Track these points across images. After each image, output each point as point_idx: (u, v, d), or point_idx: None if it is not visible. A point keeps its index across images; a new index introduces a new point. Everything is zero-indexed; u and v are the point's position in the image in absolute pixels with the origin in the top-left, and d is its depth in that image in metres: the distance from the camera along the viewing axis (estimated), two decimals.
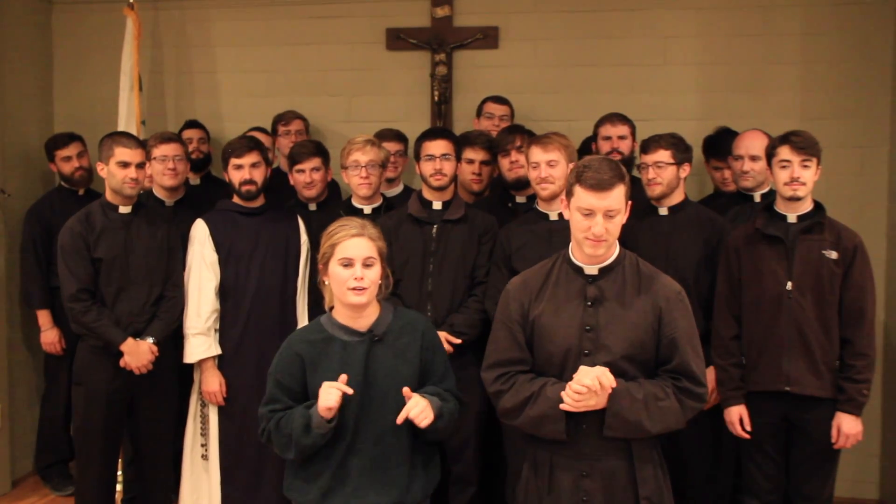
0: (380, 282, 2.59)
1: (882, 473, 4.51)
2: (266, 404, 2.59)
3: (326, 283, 2.62)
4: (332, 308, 2.65)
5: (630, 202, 2.52)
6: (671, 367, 2.46)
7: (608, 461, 2.45)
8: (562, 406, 2.39)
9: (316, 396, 2.51)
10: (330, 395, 2.45)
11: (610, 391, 2.37)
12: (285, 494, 2.66)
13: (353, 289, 2.52)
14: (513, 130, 3.90)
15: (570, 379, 2.40)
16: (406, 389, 2.50)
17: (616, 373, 2.41)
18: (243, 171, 3.66)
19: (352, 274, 2.53)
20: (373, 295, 2.58)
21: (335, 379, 2.49)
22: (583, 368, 2.39)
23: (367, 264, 2.55)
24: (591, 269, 2.51)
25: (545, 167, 3.39)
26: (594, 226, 2.43)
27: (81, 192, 4.61)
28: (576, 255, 2.54)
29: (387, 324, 2.61)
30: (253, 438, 3.62)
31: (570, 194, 2.50)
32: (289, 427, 2.51)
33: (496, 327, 2.63)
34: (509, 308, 2.58)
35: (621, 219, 2.48)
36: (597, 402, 2.38)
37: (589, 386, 2.35)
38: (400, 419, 2.48)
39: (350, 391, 2.46)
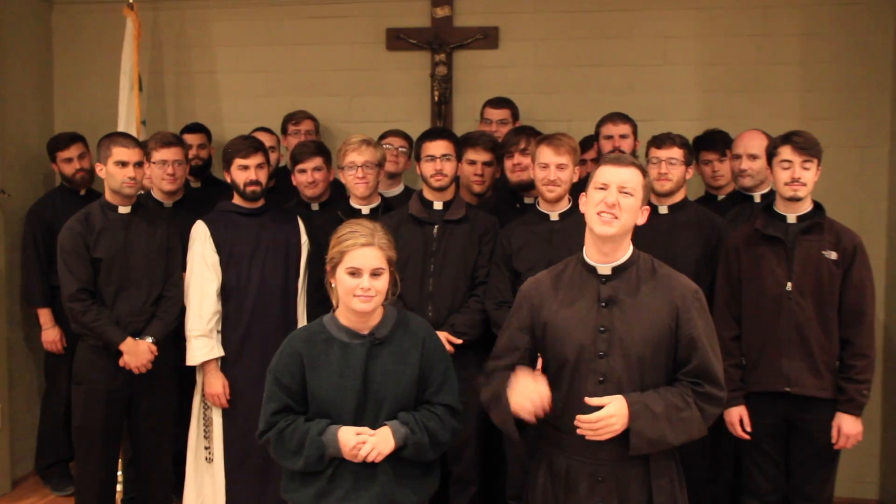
0: (387, 289, 2.57)
1: (882, 473, 4.51)
2: (267, 403, 2.59)
3: (333, 285, 2.60)
4: (335, 308, 2.64)
5: (648, 207, 2.51)
6: (690, 369, 2.42)
7: (625, 468, 2.43)
8: (588, 437, 2.38)
9: (315, 397, 2.54)
10: (349, 451, 2.50)
11: (626, 414, 2.35)
12: (281, 495, 2.67)
13: (360, 297, 2.51)
14: (519, 132, 3.88)
15: (586, 380, 2.41)
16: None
17: (632, 375, 2.40)
18: (249, 172, 3.65)
19: (358, 283, 2.50)
20: (379, 302, 2.56)
21: (334, 379, 2.52)
22: (590, 410, 2.38)
23: (375, 274, 2.52)
24: (605, 269, 2.49)
25: (554, 169, 3.39)
26: (607, 196, 2.41)
27: (83, 192, 4.60)
28: (589, 254, 2.52)
29: (389, 328, 2.60)
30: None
31: (587, 184, 2.50)
32: (293, 443, 2.53)
33: (504, 324, 2.65)
34: (521, 309, 2.58)
35: (635, 203, 2.44)
36: (618, 425, 2.36)
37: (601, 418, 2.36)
38: (358, 459, 2.50)
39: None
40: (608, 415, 2.35)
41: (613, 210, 2.41)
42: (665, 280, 2.49)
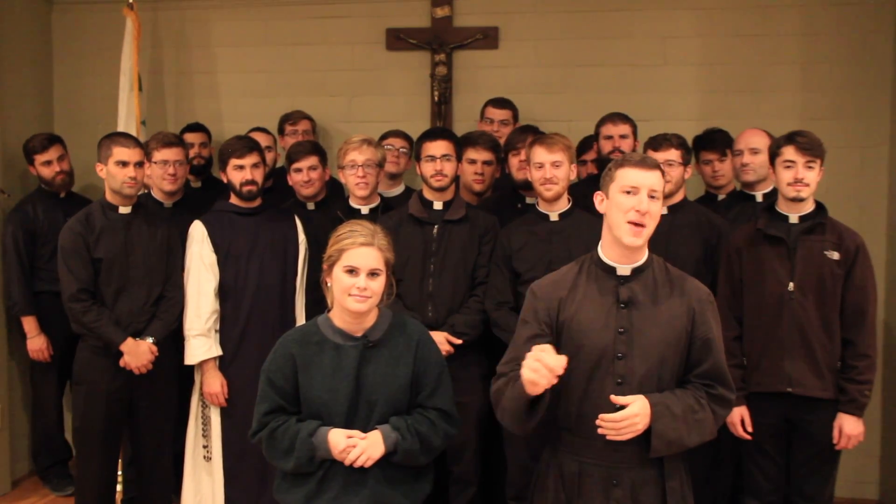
0: (382, 291, 2.56)
1: (882, 474, 4.51)
2: (259, 403, 2.60)
3: (329, 284, 2.59)
4: (330, 309, 2.63)
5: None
6: (704, 371, 2.41)
7: (640, 470, 2.41)
8: (609, 437, 2.34)
9: (307, 399, 2.55)
10: (339, 453, 2.50)
11: (649, 414, 2.32)
12: (274, 496, 2.66)
13: (355, 296, 2.50)
14: (525, 129, 3.90)
15: (604, 381, 2.38)
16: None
17: (651, 376, 2.38)
18: (245, 172, 3.66)
19: (355, 283, 2.50)
20: (374, 304, 2.55)
21: (326, 381, 2.52)
22: (614, 408, 2.34)
23: (372, 274, 2.52)
24: (624, 270, 2.45)
25: (550, 168, 3.39)
26: (639, 203, 2.35)
27: (63, 194, 4.52)
28: (607, 253, 2.48)
29: (383, 330, 2.59)
30: None
31: (608, 182, 2.44)
32: (284, 443, 2.53)
33: (518, 327, 2.54)
34: (536, 311, 2.49)
35: (659, 208, 2.40)
36: (641, 425, 2.33)
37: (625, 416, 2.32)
38: (347, 463, 2.50)
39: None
40: (632, 414, 2.31)
41: (644, 218, 2.37)
42: (679, 282, 2.47)
